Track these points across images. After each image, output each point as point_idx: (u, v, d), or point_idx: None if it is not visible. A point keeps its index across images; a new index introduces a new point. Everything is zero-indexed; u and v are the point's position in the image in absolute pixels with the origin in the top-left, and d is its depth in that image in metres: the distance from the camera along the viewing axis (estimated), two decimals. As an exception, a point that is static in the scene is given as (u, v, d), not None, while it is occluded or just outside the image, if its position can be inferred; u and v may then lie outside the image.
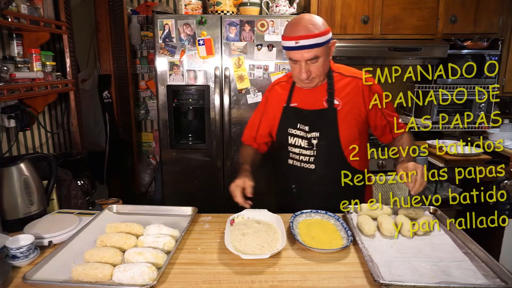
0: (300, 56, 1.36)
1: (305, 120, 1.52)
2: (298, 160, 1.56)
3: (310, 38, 1.33)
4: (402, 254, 1.10)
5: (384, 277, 0.96)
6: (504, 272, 0.98)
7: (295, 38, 1.34)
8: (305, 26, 1.34)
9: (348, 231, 1.21)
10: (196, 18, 2.42)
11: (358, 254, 1.13)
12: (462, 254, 1.11)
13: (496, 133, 2.91)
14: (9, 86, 1.66)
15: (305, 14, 1.41)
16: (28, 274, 0.97)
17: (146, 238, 1.15)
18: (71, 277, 0.99)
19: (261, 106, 1.70)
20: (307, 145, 1.52)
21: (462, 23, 2.70)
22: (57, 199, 1.58)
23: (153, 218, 1.35)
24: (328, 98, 1.49)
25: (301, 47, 1.34)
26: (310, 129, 1.51)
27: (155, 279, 0.96)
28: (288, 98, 1.57)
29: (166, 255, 1.08)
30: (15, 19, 1.71)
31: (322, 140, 1.50)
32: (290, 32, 1.36)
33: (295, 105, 1.55)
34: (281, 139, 1.60)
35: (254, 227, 1.21)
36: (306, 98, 1.53)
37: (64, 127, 2.56)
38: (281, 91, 1.61)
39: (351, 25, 2.68)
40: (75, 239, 1.18)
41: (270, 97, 1.65)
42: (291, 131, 1.55)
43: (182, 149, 2.61)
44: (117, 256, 1.06)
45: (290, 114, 1.56)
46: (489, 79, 2.77)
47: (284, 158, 1.60)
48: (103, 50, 3.24)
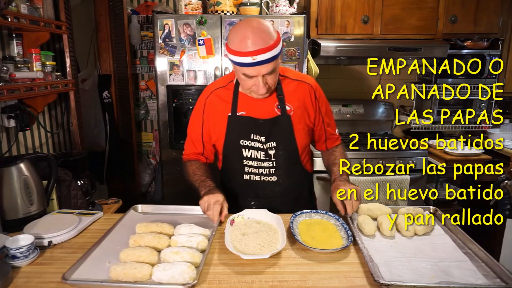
0: (257, 72, 1.23)
1: (260, 130, 1.40)
2: (258, 174, 1.44)
3: (267, 52, 1.18)
4: (402, 254, 1.10)
5: (384, 277, 0.96)
6: (504, 272, 0.98)
7: (251, 54, 1.18)
8: (260, 37, 1.18)
9: (348, 231, 1.21)
10: (196, 18, 2.42)
11: (358, 254, 1.13)
12: (462, 254, 1.11)
13: (496, 133, 2.92)
14: (9, 86, 1.66)
15: (252, 21, 1.24)
16: (66, 274, 0.97)
17: (179, 237, 1.15)
18: (109, 276, 0.99)
19: (197, 117, 1.49)
20: (264, 157, 1.42)
21: (462, 23, 2.70)
22: (57, 199, 1.58)
23: (179, 218, 1.35)
24: (280, 104, 1.40)
25: (259, 63, 1.20)
26: (267, 139, 1.40)
27: (195, 278, 0.96)
28: (233, 106, 1.42)
29: (201, 254, 1.08)
30: (15, 19, 1.71)
31: (280, 150, 1.41)
32: (242, 46, 1.19)
33: (243, 113, 1.41)
34: (231, 152, 1.46)
35: (255, 227, 1.21)
36: (254, 105, 1.40)
37: (64, 127, 2.56)
38: (221, 99, 1.44)
39: (351, 25, 2.68)
40: (106, 239, 1.18)
41: (209, 105, 1.46)
42: (244, 143, 1.42)
43: (182, 149, 2.57)
44: (153, 256, 1.07)
45: (238, 124, 1.41)
46: (489, 79, 2.78)
47: (237, 173, 1.47)
48: (103, 50, 3.24)
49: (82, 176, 1.88)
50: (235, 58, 1.22)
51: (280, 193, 1.46)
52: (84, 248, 1.19)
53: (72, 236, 1.26)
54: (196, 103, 1.52)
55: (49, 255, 1.16)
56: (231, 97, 1.42)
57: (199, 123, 1.49)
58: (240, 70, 1.26)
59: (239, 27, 1.23)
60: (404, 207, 1.36)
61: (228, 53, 1.25)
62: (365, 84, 3.15)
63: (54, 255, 1.16)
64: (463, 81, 2.73)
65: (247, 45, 1.18)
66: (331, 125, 1.53)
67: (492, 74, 2.76)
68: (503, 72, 2.79)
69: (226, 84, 1.45)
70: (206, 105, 1.47)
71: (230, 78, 1.46)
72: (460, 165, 1.29)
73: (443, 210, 1.38)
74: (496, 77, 2.79)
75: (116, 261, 1.06)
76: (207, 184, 1.38)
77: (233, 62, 1.26)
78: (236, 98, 1.42)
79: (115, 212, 2.04)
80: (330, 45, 2.60)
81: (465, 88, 2.43)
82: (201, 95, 1.51)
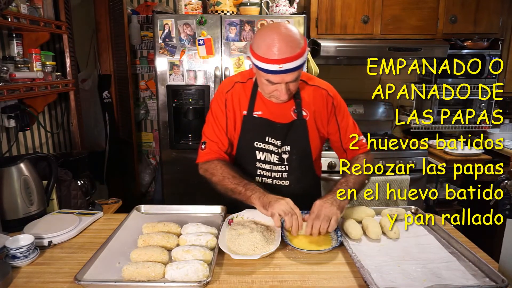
0: (281, 79, 1.21)
1: (277, 134, 1.37)
2: (270, 177, 1.42)
3: (294, 60, 1.16)
4: (391, 257, 1.10)
5: (378, 284, 0.95)
6: (493, 271, 0.98)
7: (278, 62, 1.15)
8: (287, 45, 1.15)
9: (338, 231, 1.21)
10: (196, 18, 2.42)
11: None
12: (449, 254, 1.11)
13: (496, 133, 2.92)
14: (9, 86, 1.66)
15: (280, 26, 1.20)
16: (78, 275, 0.97)
17: (187, 236, 1.16)
18: (121, 276, 0.99)
19: (220, 110, 1.39)
20: (277, 160, 1.39)
21: (462, 23, 2.70)
22: (57, 199, 1.58)
23: (183, 217, 1.35)
24: (296, 108, 1.37)
25: (285, 71, 1.17)
26: (282, 144, 1.38)
27: (208, 276, 0.98)
28: (250, 105, 1.37)
29: (212, 252, 1.09)
30: (15, 19, 1.71)
31: (293, 154, 1.39)
32: (269, 53, 1.15)
33: (260, 113, 1.37)
34: (244, 153, 1.42)
35: (251, 228, 1.21)
36: (272, 107, 1.36)
37: (64, 127, 2.56)
38: (239, 95, 1.38)
39: (351, 25, 2.68)
40: (112, 240, 1.18)
41: (229, 99, 1.38)
42: (258, 145, 1.38)
43: (182, 149, 2.61)
44: (164, 255, 1.07)
45: (255, 125, 1.37)
46: (489, 79, 2.78)
47: (249, 174, 1.41)
48: (103, 50, 3.24)
49: (82, 176, 1.88)
50: (260, 64, 1.18)
51: (292, 197, 1.38)
52: (84, 248, 1.20)
53: (72, 236, 1.26)
54: (215, 96, 1.42)
55: (49, 255, 1.16)
56: (248, 95, 1.38)
57: (223, 116, 1.39)
58: (263, 75, 1.22)
59: (266, 33, 1.19)
60: (387, 208, 1.36)
61: (253, 57, 1.21)
62: (365, 84, 3.15)
63: (54, 255, 1.16)
64: (463, 81, 2.73)
65: (274, 52, 1.15)
66: (348, 133, 1.42)
67: (492, 74, 2.76)
68: (503, 72, 2.79)
69: (246, 81, 1.40)
70: (228, 99, 1.39)
71: (250, 75, 1.41)
72: (460, 165, 1.29)
73: (443, 210, 1.39)
74: (496, 77, 2.79)
75: (126, 261, 1.06)
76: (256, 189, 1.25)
77: (257, 67, 1.21)
78: (254, 97, 1.38)
79: (115, 212, 2.04)
80: (330, 45, 2.60)
81: (465, 88, 2.43)
82: (221, 88, 1.42)
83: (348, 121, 1.44)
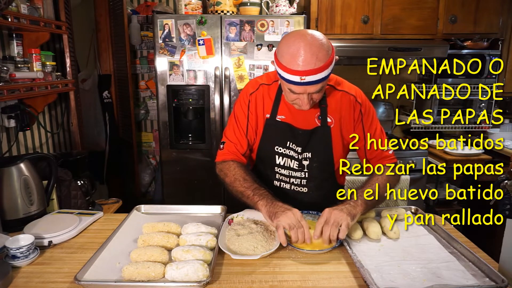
0: (304, 90, 1.16)
1: (298, 140, 1.34)
2: (288, 183, 1.39)
3: (318, 73, 1.11)
4: (391, 257, 1.10)
5: (378, 284, 0.95)
6: (493, 271, 0.98)
7: (301, 74, 1.10)
8: (312, 56, 1.09)
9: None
10: (196, 18, 2.42)
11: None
12: (449, 254, 1.11)
13: (496, 133, 2.92)
14: (9, 86, 1.66)
15: (307, 34, 1.13)
16: (78, 275, 0.97)
17: (187, 236, 1.16)
18: (121, 276, 0.99)
19: (242, 112, 1.37)
20: (297, 167, 1.36)
21: (462, 23, 2.70)
22: (57, 199, 1.59)
23: (183, 217, 1.35)
24: (321, 114, 1.33)
25: (307, 83, 1.13)
26: (302, 150, 1.35)
27: (208, 276, 0.98)
28: (274, 108, 1.34)
29: (212, 252, 1.09)
30: (15, 19, 1.71)
31: (314, 162, 1.35)
32: (292, 63, 1.11)
33: (283, 118, 1.34)
34: (264, 157, 1.40)
35: (250, 228, 1.21)
36: (295, 112, 1.33)
37: (64, 127, 2.56)
38: (263, 97, 1.36)
39: (351, 25, 2.68)
40: (112, 240, 1.18)
41: (253, 101, 1.36)
42: (279, 150, 1.35)
43: (182, 149, 2.61)
44: (164, 255, 1.07)
45: (277, 129, 1.34)
46: (489, 79, 2.77)
47: (268, 178, 1.40)
48: (103, 50, 3.24)
49: (82, 176, 1.88)
50: (282, 73, 1.15)
51: (308, 204, 1.34)
52: (84, 248, 1.20)
53: (72, 236, 1.26)
54: (239, 97, 1.40)
55: (49, 255, 1.16)
56: (273, 98, 1.34)
57: (245, 118, 1.37)
58: (286, 84, 1.18)
59: (292, 40, 1.13)
60: (387, 208, 1.36)
61: (276, 64, 1.17)
62: (365, 84, 3.13)
63: (54, 255, 1.16)
64: (463, 81, 2.73)
65: (298, 63, 1.10)
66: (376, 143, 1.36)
67: (492, 74, 2.76)
68: (503, 72, 2.79)
69: (271, 83, 1.37)
70: (251, 101, 1.36)
71: (275, 77, 1.36)
72: (460, 165, 1.29)
73: (443, 210, 1.39)
74: (496, 77, 2.79)
75: (126, 261, 1.06)
76: (261, 192, 1.23)
77: (280, 76, 1.18)
78: (278, 101, 1.34)
79: (115, 212, 2.04)
80: (330, 45, 2.60)
81: (465, 88, 2.43)
82: (245, 89, 1.39)
83: (376, 130, 1.38)
